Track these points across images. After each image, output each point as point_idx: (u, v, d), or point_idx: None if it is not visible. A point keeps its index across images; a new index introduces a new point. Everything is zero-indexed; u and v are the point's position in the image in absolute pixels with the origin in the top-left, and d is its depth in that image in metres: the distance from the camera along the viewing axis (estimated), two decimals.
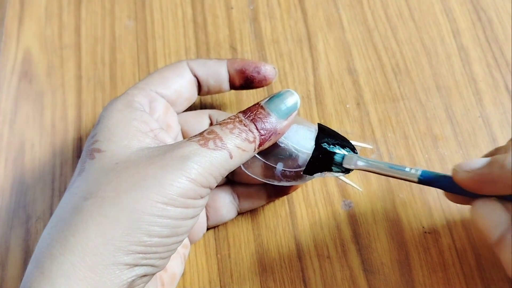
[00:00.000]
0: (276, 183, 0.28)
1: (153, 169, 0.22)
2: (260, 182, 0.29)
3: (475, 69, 0.35)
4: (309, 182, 0.32)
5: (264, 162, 0.28)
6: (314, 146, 0.27)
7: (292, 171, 0.28)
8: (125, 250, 0.21)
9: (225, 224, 0.32)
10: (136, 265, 0.22)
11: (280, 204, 0.32)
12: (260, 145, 0.25)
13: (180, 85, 0.29)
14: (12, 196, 0.34)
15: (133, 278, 0.22)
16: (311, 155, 0.27)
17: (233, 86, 0.30)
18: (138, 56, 0.38)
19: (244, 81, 0.30)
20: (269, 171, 0.28)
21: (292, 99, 0.26)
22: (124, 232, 0.21)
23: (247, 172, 0.28)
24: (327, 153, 0.27)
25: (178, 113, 0.30)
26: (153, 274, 0.23)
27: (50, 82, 0.37)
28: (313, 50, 0.37)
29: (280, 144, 0.27)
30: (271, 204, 0.32)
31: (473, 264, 0.30)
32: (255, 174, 0.28)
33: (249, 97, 0.36)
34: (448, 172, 0.24)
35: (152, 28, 0.39)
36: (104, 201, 0.22)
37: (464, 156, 0.32)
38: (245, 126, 0.24)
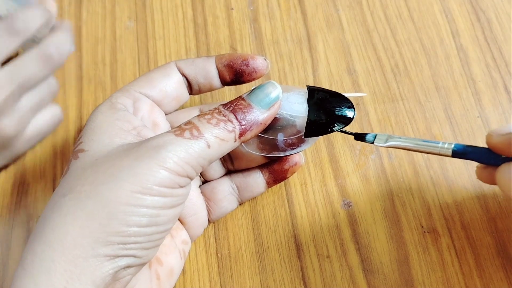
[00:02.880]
0: (282, 154, 0.29)
1: (128, 160, 0.23)
2: (263, 162, 0.30)
3: (474, 70, 0.35)
4: (308, 182, 0.33)
5: (264, 137, 0.28)
6: (308, 108, 0.27)
7: (293, 138, 0.28)
8: (104, 241, 0.21)
9: (225, 223, 0.32)
10: (117, 256, 0.22)
11: (280, 204, 0.32)
12: (241, 135, 0.25)
13: (166, 84, 0.29)
14: (13, 195, 0.34)
15: (115, 269, 0.22)
16: (307, 118, 0.27)
17: (224, 82, 0.30)
18: (138, 57, 0.38)
19: (234, 75, 0.29)
20: (272, 144, 0.28)
21: (273, 90, 0.26)
22: (102, 223, 0.21)
23: (250, 151, 0.29)
24: (323, 110, 0.28)
25: (168, 113, 0.30)
26: (139, 265, 0.24)
27: None
28: (312, 50, 0.37)
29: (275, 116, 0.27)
30: (271, 204, 0.32)
31: (472, 263, 0.30)
32: (259, 151, 0.29)
33: None
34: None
35: (152, 28, 0.39)
36: (81, 195, 0.22)
37: None
38: (224, 117, 0.25)
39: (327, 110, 0.28)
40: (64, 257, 0.21)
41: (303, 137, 0.28)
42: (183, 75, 0.29)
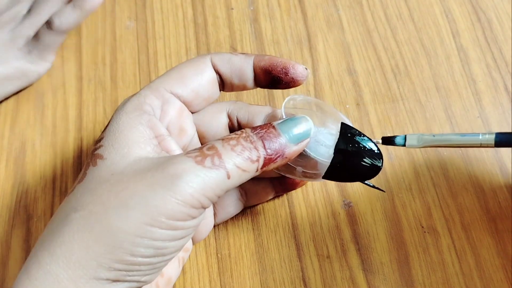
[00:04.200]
0: (298, 179, 0.28)
1: (142, 186, 0.22)
2: (274, 175, 0.29)
3: (475, 70, 0.35)
4: (309, 182, 0.33)
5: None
6: (333, 156, 0.26)
7: (312, 173, 0.27)
8: (107, 266, 0.21)
9: (225, 223, 0.32)
10: (118, 281, 0.22)
11: (280, 204, 0.32)
12: (264, 165, 0.23)
13: (199, 84, 0.27)
14: (13, 195, 0.34)
15: None
16: (330, 162, 0.26)
17: (259, 85, 0.28)
18: (138, 57, 0.38)
19: (271, 81, 0.27)
20: (289, 169, 0.27)
21: (306, 127, 0.25)
22: (107, 250, 0.21)
23: None
24: (348, 162, 0.26)
25: (195, 112, 0.28)
26: (139, 287, 0.23)
27: (51, 82, 0.38)
28: (313, 50, 0.37)
29: None
30: (271, 204, 0.32)
31: (472, 264, 0.30)
32: (276, 168, 0.28)
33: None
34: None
35: (152, 28, 0.39)
36: (91, 215, 0.22)
37: (463, 156, 0.33)
38: (251, 143, 0.23)
39: (352, 163, 0.26)
40: (67, 275, 0.21)
41: (321, 177, 0.27)
42: (217, 72, 0.27)
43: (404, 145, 0.27)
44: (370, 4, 0.38)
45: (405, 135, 0.27)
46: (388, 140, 0.27)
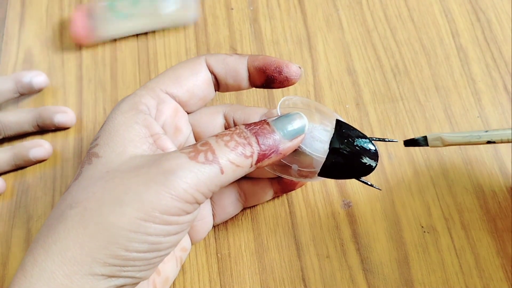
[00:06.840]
0: (294, 179, 0.28)
1: (137, 182, 0.22)
2: (272, 176, 0.29)
3: (474, 70, 0.35)
4: (308, 182, 0.33)
5: (280, 160, 0.27)
6: (328, 151, 0.26)
7: (307, 171, 0.27)
8: (102, 262, 0.21)
9: (225, 223, 0.32)
10: (113, 276, 0.22)
11: (280, 204, 0.32)
12: (258, 161, 0.24)
13: (194, 84, 0.27)
14: (13, 195, 0.34)
15: (111, 287, 0.22)
16: (325, 159, 0.26)
17: (254, 84, 0.28)
18: (138, 56, 0.38)
19: (265, 80, 0.27)
20: (285, 168, 0.28)
21: (300, 123, 0.25)
22: (101, 245, 0.21)
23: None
24: (344, 157, 0.26)
25: (191, 112, 0.29)
26: (135, 284, 0.23)
27: (51, 82, 0.38)
28: (312, 50, 0.37)
29: None
30: (271, 204, 0.32)
31: (471, 263, 0.30)
32: (271, 169, 0.28)
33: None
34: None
35: None
36: (86, 212, 0.22)
37: (463, 156, 0.33)
38: (245, 139, 0.24)
39: (347, 159, 0.26)
40: (63, 271, 0.21)
41: (317, 175, 0.27)
42: (212, 72, 0.28)
43: (427, 145, 0.27)
44: (370, 4, 0.38)
45: (425, 136, 0.27)
46: (411, 142, 0.28)
